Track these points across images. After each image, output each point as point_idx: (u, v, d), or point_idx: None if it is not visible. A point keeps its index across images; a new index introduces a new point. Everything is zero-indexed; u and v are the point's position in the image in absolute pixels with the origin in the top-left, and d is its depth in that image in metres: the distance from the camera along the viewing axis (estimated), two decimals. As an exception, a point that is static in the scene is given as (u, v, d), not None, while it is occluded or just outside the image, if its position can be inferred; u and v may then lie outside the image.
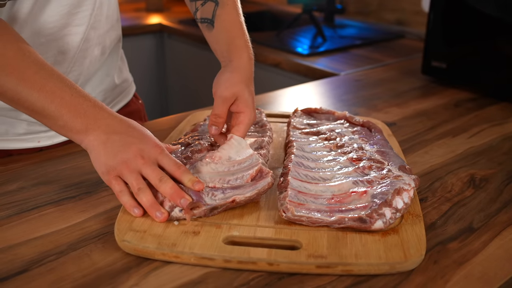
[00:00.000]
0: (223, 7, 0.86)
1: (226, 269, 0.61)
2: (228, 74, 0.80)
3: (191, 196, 0.67)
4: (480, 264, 0.63)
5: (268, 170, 0.73)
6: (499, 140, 1.00)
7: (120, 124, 0.72)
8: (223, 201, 0.68)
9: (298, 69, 1.69)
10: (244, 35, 0.85)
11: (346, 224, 0.65)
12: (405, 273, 0.61)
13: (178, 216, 0.66)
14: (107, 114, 0.72)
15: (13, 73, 0.70)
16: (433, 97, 1.26)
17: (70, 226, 0.69)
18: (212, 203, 0.68)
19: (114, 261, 0.62)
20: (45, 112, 0.70)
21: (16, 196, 0.76)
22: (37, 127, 0.92)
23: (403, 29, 2.08)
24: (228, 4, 0.86)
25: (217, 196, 0.69)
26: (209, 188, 0.71)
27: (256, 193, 0.70)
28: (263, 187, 0.70)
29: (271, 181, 0.71)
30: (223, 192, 0.70)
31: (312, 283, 0.59)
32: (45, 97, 0.70)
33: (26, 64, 0.71)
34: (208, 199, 0.69)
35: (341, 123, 0.93)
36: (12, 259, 0.62)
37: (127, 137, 0.70)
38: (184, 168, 0.70)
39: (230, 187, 0.71)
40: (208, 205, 0.67)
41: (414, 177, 0.72)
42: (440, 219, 0.72)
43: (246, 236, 0.64)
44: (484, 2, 1.23)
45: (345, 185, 0.72)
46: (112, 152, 0.69)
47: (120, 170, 0.69)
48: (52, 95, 0.70)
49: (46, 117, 0.71)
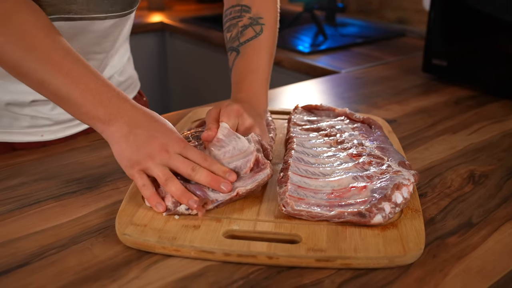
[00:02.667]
0: (243, 56, 0.88)
1: (226, 263, 0.61)
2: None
3: (195, 192, 0.68)
4: (479, 258, 0.63)
5: (265, 160, 0.73)
6: (499, 137, 1.00)
7: (143, 117, 0.71)
8: (228, 196, 0.68)
9: (299, 67, 1.69)
10: (249, 83, 0.86)
11: (345, 219, 0.65)
12: (404, 267, 0.61)
13: (183, 212, 0.67)
14: (130, 106, 0.71)
15: (41, 55, 0.69)
16: (434, 94, 1.26)
17: (71, 220, 0.69)
18: (218, 198, 0.68)
19: (115, 254, 0.62)
20: (69, 97, 0.70)
21: (18, 191, 0.76)
22: (40, 121, 0.92)
23: (404, 28, 2.08)
24: (247, 53, 0.88)
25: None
26: None
27: (256, 185, 0.70)
28: (263, 179, 0.71)
29: (270, 172, 0.72)
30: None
31: (311, 277, 0.59)
32: (71, 82, 0.69)
33: (55, 48, 0.71)
34: (211, 193, 0.69)
35: (341, 120, 0.93)
36: (14, 252, 0.62)
37: (150, 131, 0.70)
38: (210, 159, 0.71)
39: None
40: (215, 202, 0.68)
41: (413, 172, 0.73)
42: (439, 214, 0.72)
43: (246, 230, 0.65)
44: (484, 1, 1.24)
45: (344, 180, 0.72)
46: (135, 146, 0.69)
47: (145, 164, 0.68)
48: (77, 81, 0.69)
49: (69, 103, 0.70)
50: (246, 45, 0.89)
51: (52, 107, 0.92)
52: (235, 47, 0.89)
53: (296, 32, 2.01)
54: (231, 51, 0.90)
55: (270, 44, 0.91)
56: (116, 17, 0.89)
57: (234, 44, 0.90)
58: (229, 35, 0.92)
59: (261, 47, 0.89)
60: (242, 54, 0.88)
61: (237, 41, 0.89)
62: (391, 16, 2.18)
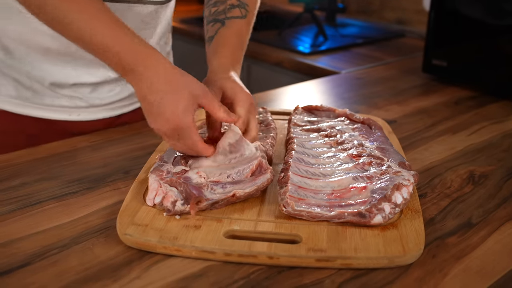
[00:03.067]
0: (228, 28, 0.91)
1: (226, 263, 0.61)
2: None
3: (192, 191, 0.68)
4: (478, 258, 0.64)
5: (268, 166, 0.74)
6: (499, 138, 1.00)
7: (165, 78, 0.71)
8: (223, 195, 0.69)
9: (300, 68, 1.69)
10: (229, 49, 0.89)
11: (345, 219, 0.65)
12: (404, 267, 0.61)
13: (181, 210, 0.67)
14: (155, 64, 0.71)
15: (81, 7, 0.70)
16: (434, 95, 1.26)
17: (73, 220, 0.69)
18: (213, 197, 0.68)
19: (116, 254, 0.62)
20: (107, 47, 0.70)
21: (19, 191, 0.76)
22: (77, 102, 0.98)
23: (404, 28, 2.09)
24: (232, 27, 0.91)
25: (217, 191, 0.70)
26: (210, 182, 0.71)
27: (256, 189, 0.70)
28: (262, 183, 0.71)
29: (270, 177, 0.72)
30: (223, 187, 0.71)
31: (312, 277, 0.59)
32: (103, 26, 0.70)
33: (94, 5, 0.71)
34: (208, 193, 0.69)
35: (342, 120, 0.94)
36: (15, 252, 0.62)
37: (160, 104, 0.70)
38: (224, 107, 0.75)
39: (230, 182, 0.72)
40: (209, 200, 0.68)
41: (413, 173, 0.73)
42: (439, 215, 0.73)
43: (246, 230, 0.65)
44: (484, 2, 1.24)
45: (345, 181, 0.73)
46: (152, 115, 0.72)
47: (162, 137, 0.74)
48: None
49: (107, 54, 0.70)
50: (232, 20, 0.92)
51: (91, 90, 0.98)
52: (221, 19, 0.92)
53: (296, 33, 2.01)
54: (214, 22, 0.92)
55: (250, 29, 0.95)
56: (157, 4, 0.94)
57: (219, 17, 0.92)
58: (214, 9, 0.94)
59: (244, 27, 0.94)
60: (228, 26, 0.91)
61: (224, 15, 0.92)
62: (391, 16, 2.19)
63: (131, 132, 0.98)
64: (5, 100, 0.95)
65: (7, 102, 0.95)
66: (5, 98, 0.95)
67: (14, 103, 0.95)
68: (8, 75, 0.93)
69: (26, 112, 0.96)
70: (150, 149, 0.90)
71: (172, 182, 0.70)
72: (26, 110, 0.96)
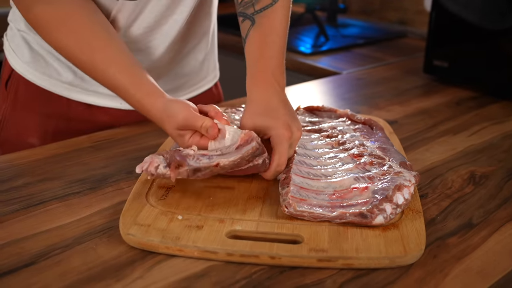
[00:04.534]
0: (258, 27, 0.84)
1: (228, 263, 0.62)
2: (244, 111, 0.79)
3: (175, 157, 0.68)
4: (479, 258, 0.64)
5: (255, 136, 0.71)
6: (500, 138, 1.01)
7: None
8: (207, 164, 0.68)
9: (301, 68, 1.70)
10: (266, 59, 0.81)
11: (347, 219, 0.66)
12: (405, 267, 0.62)
13: (163, 173, 0.67)
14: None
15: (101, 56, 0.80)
16: (435, 95, 1.27)
17: (76, 220, 0.70)
18: (195, 165, 0.68)
19: (119, 254, 0.63)
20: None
21: (22, 192, 0.77)
22: None
23: (405, 29, 2.09)
24: (263, 23, 0.83)
25: (202, 161, 0.69)
26: (197, 154, 0.70)
27: (240, 157, 0.68)
28: (247, 151, 0.69)
29: (255, 145, 0.69)
30: (209, 157, 0.70)
31: (313, 277, 0.60)
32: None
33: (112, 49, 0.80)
34: (193, 162, 0.68)
35: (343, 121, 0.94)
36: (19, 252, 0.63)
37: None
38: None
39: (216, 154, 0.70)
40: (191, 166, 0.67)
41: (414, 173, 0.73)
42: (440, 215, 0.73)
43: (248, 231, 0.65)
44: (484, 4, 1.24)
45: (346, 181, 0.73)
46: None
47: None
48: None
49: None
50: (261, 14, 0.84)
51: None
52: (249, 15, 0.85)
53: (297, 33, 2.02)
54: (244, 18, 0.86)
55: (286, 11, 0.86)
56: None
57: (248, 11, 0.85)
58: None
59: (277, 18, 0.85)
60: (258, 24, 0.84)
61: (252, 7, 0.85)
62: (392, 17, 2.19)
63: (134, 132, 0.98)
64: (62, 86, 0.97)
65: (65, 88, 0.98)
66: (63, 84, 0.97)
67: (65, 87, 0.98)
68: (64, 62, 0.95)
69: (79, 98, 0.98)
70: (153, 149, 0.90)
71: (161, 153, 0.71)
72: (79, 96, 0.98)
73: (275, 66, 0.82)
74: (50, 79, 0.97)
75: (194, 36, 1.02)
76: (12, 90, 1.00)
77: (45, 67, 0.96)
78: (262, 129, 0.76)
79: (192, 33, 1.01)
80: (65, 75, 0.96)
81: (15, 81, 0.99)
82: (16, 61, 0.98)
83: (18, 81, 0.99)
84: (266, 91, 0.79)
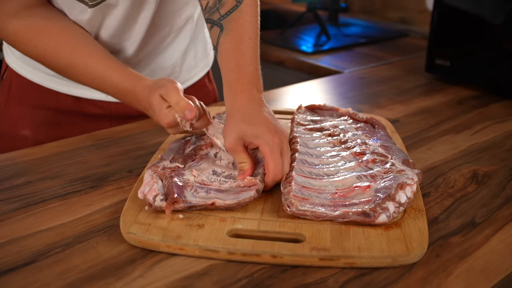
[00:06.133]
0: (228, 33, 0.80)
1: (230, 261, 0.61)
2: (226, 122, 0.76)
3: (173, 190, 0.68)
4: (482, 258, 0.63)
5: (255, 182, 0.71)
6: (502, 137, 1.00)
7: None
8: (202, 201, 0.68)
9: (302, 67, 1.69)
10: (241, 68, 0.78)
11: (350, 218, 0.65)
12: (408, 266, 0.61)
13: (160, 206, 0.66)
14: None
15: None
16: (437, 94, 1.26)
17: (76, 219, 0.70)
18: (192, 201, 0.68)
19: (119, 253, 0.63)
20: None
21: (23, 190, 0.77)
22: None
23: (407, 28, 2.08)
24: (233, 29, 0.81)
25: (199, 194, 0.69)
26: (196, 183, 0.71)
27: (236, 203, 0.68)
28: (244, 199, 0.68)
29: (253, 195, 0.69)
30: (207, 191, 0.70)
31: (315, 276, 0.59)
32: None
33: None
34: (189, 195, 0.68)
35: (345, 120, 0.94)
36: (20, 250, 0.63)
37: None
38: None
39: (215, 188, 0.71)
40: (187, 203, 0.67)
41: (417, 171, 0.73)
42: (442, 214, 0.73)
43: (250, 229, 0.65)
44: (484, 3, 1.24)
45: (348, 180, 0.73)
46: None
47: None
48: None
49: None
50: (228, 19, 0.81)
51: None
52: (216, 21, 0.82)
53: (299, 32, 2.01)
54: (212, 25, 0.83)
55: (254, 10, 0.83)
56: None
57: (214, 16, 0.82)
58: (205, 3, 0.84)
59: (246, 19, 0.81)
60: (227, 31, 0.80)
61: (217, 13, 0.82)
62: (394, 16, 2.19)
63: (134, 131, 0.98)
64: (50, 79, 0.99)
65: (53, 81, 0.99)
66: (51, 77, 0.99)
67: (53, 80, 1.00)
68: None
69: (66, 90, 1.00)
70: (154, 148, 0.90)
71: (161, 175, 0.70)
72: (66, 89, 1.00)
73: (252, 73, 0.78)
74: (38, 73, 0.99)
75: (171, 30, 1.00)
76: (6, 84, 1.03)
77: (34, 61, 0.95)
78: (247, 138, 0.73)
79: (167, 27, 0.99)
80: None
81: (9, 75, 1.03)
82: (10, 56, 1.02)
83: (11, 76, 1.02)
84: (247, 100, 0.76)
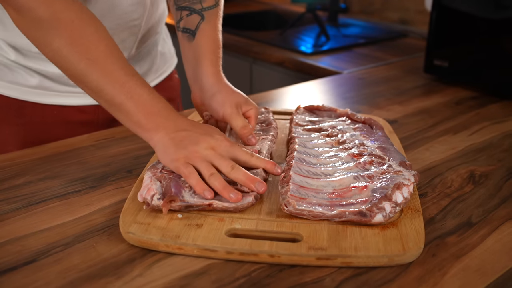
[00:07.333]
0: (208, 22, 0.91)
1: (228, 261, 0.62)
2: (219, 95, 0.86)
3: (171, 188, 0.68)
4: (478, 257, 0.64)
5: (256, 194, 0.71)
6: (500, 138, 1.01)
7: (187, 122, 0.76)
8: (200, 202, 0.68)
9: (302, 68, 1.70)
10: (217, 54, 0.91)
11: (346, 218, 0.66)
12: (404, 266, 0.62)
13: (157, 205, 0.67)
14: (176, 116, 0.76)
15: (101, 67, 0.74)
16: (435, 95, 1.27)
17: (76, 219, 0.70)
18: (189, 201, 0.68)
19: (119, 252, 0.63)
20: (123, 107, 0.74)
21: (24, 190, 0.77)
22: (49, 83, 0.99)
23: (406, 28, 2.09)
24: (212, 21, 0.92)
25: (197, 195, 0.69)
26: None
27: (234, 207, 0.68)
28: (242, 205, 0.69)
29: (251, 201, 0.69)
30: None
31: (312, 275, 0.60)
32: (126, 93, 0.74)
33: (113, 60, 0.75)
34: (187, 195, 0.69)
35: (343, 120, 0.94)
36: (20, 250, 0.63)
37: (196, 133, 0.74)
38: (256, 155, 0.75)
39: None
40: (184, 202, 0.68)
41: (414, 172, 0.74)
42: (439, 214, 0.73)
43: (248, 229, 0.66)
44: (484, 3, 1.24)
45: (346, 180, 0.73)
46: (182, 144, 0.72)
47: (190, 158, 0.71)
48: (131, 92, 0.74)
49: (123, 112, 0.75)
50: (209, 12, 0.92)
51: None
52: (197, 11, 0.92)
53: (298, 33, 2.02)
54: (191, 12, 0.92)
55: (220, 18, 0.96)
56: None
57: (196, 6, 0.92)
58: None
59: (219, 19, 0.94)
60: (208, 21, 0.92)
61: (199, 4, 0.92)
62: (393, 16, 2.19)
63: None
64: (33, 92, 0.97)
65: (36, 94, 0.98)
66: (33, 89, 0.97)
67: (37, 93, 0.98)
68: (30, 67, 0.96)
69: (51, 101, 0.99)
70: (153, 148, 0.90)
71: (159, 177, 0.71)
72: (51, 99, 0.99)
73: (220, 65, 0.92)
74: (19, 87, 0.97)
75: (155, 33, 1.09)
76: None
77: (11, 76, 0.96)
78: (240, 105, 0.85)
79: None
80: (33, 80, 0.96)
81: None
82: None
83: None
84: (225, 82, 0.90)
